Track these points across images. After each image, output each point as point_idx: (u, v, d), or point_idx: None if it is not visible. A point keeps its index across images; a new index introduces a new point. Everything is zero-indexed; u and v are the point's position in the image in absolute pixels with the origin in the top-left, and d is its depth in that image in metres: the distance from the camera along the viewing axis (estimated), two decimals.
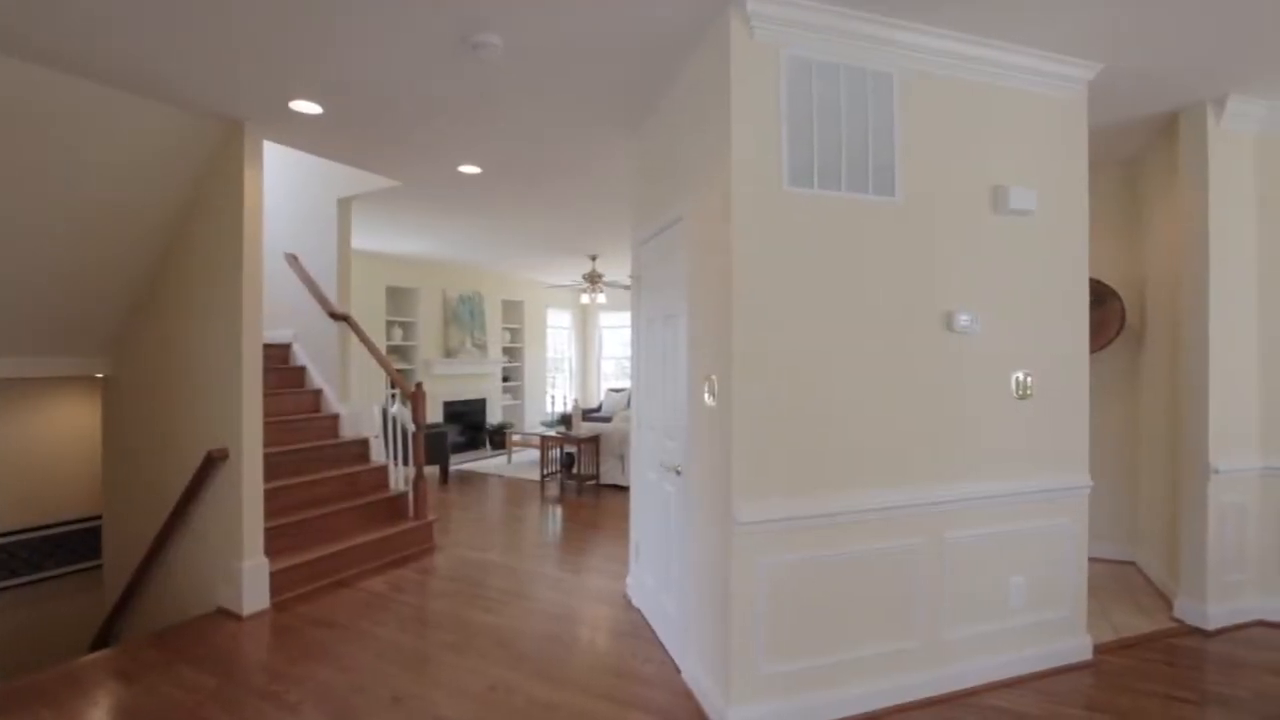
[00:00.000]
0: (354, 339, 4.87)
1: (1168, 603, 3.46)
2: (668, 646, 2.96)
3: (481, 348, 9.11)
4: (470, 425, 9.00)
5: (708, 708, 2.45)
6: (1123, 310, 4.09)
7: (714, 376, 2.42)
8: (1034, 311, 2.78)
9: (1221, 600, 3.21)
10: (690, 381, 2.67)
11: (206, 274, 3.60)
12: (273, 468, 3.96)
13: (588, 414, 9.23)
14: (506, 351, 9.96)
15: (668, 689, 2.66)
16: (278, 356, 5.02)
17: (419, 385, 4.75)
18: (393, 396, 4.85)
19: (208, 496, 3.54)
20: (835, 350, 2.42)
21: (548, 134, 3.62)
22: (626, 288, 5.74)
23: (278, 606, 3.47)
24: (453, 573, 4.09)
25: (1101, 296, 3.99)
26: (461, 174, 4.35)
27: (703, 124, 2.55)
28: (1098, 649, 2.95)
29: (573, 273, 9.09)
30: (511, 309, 10.09)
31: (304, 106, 3.17)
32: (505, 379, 9.90)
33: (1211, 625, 3.19)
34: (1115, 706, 2.53)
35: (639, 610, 3.43)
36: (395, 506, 4.60)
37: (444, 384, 8.56)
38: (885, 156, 2.49)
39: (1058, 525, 2.82)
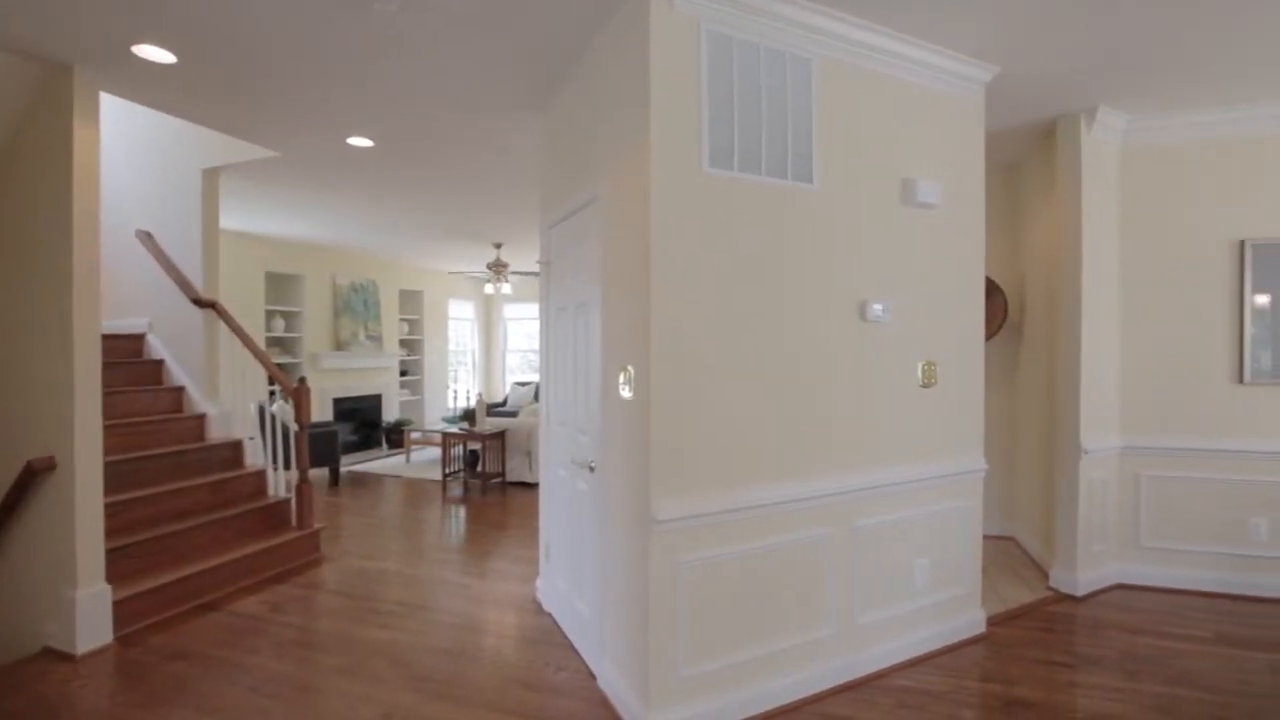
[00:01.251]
0: (224, 329, 4.32)
1: (1044, 574, 3.74)
2: (582, 652, 2.81)
3: (376, 340, 8.49)
4: (365, 423, 8.38)
5: (625, 715, 2.33)
6: (1005, 305, 4.38)
7: (630, 367, 2.29)
8: (938, 302, 2.87)
9: (1088, 568, 3.51)
10: (604, 373, 2.53)
11: (25, 248, 3.01)
12: (120, 478, 3.41)
13: (493, 409, 8.87)
14: (404, 344, 9.36)
15: (582, 698, 2.52)
16: (127, 349, 4.36)
17: (302, 380, 4.29)
18: (273, 393, 4.35)
19: (29, 515, 2.97)
20: (755, 339, 2.36)
21: (448, 106, 3.33)
22: (534, 274, 5.50)
23: (123, 640, 2.98)
24: (342, 586, 3.71)
25: (988, 291, 4.24)
26: (351, 147, 3.95)
27: (619, 99, 2.41)
28: (990, 621, 3.12)
29: (476, 261, 8.67)
30: (410, 299, 9.49)
31: (151, 53, 2.70)
32: (403, 373, 9.30)
33: (1081, 592, 3.48)
34: (1007, 675, 2.67)
35: (550, 615, 3.26)
36: (275, 515, 4.12)
37: (334, 379, 7.90)
38: (804, 143, 2.46)
39: (958, 507, 2.94)
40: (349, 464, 7.51)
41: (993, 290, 4.29)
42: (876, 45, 2.59)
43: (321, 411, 7.58)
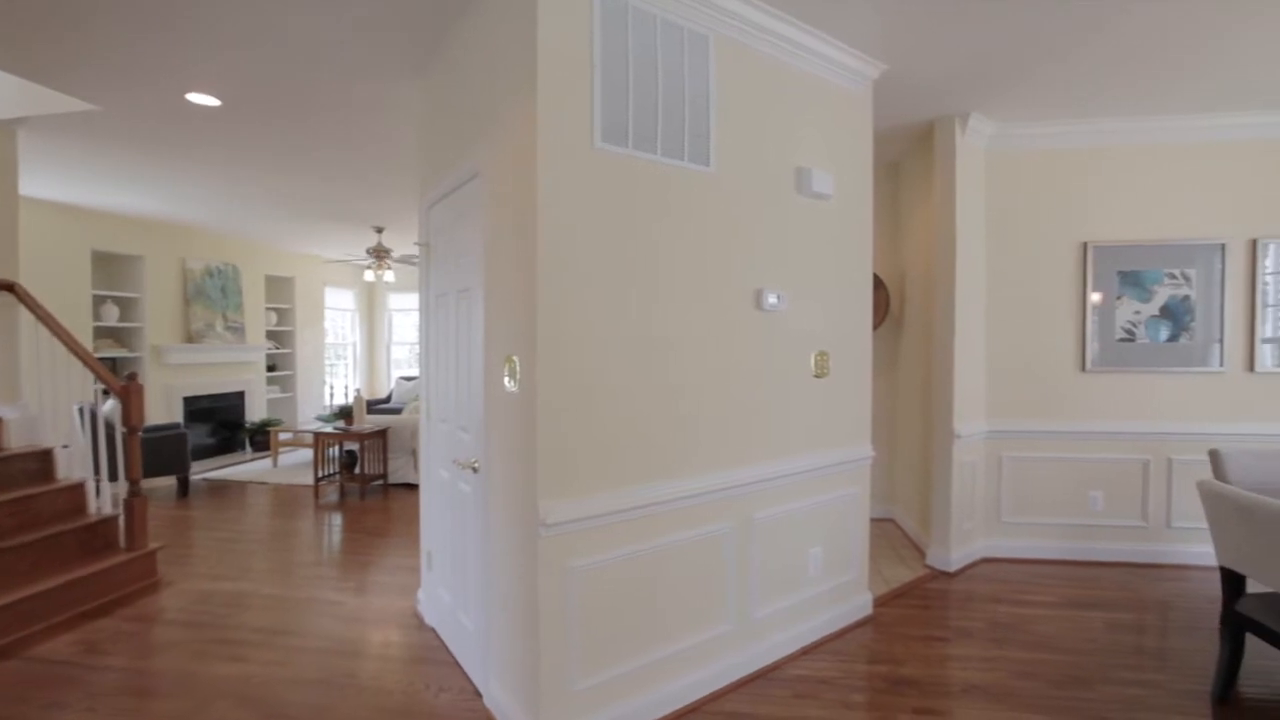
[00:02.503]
0: (26, 316, 3.60)
1: (922, 552, 3.96)
2: (467, 670, 2.58)
3: (238, 331, 7.59)
4: (224, 424, 7.48)
5: None
6: (887, 298, 4.60)
7: (515, 358, 2.09)
8: (830, 293, 2.90)
9: (960, 545, 3.75)
10: (488, 365, 2.31)
11: None
12: None
13: (375, 405, 8.24)
14: (273, 336, 8.46)
15: None
16: None
17: (132, 377, 3.67)
18: (107, 393, 3.69)
19: None
20: (650, 328, 2.24)
21: (308, 64, 2.94)
22: (416, 260, 5.13)
23: None
24: (185, 615, 3.22)
25: (873, 285, 4.43)
26: (192, 105, 3.40)
27: (504, 64, 2.19)
28: (876, 602, 3.23)
29: (356, 246, 7.98)
30: (279, 286, 8.59)
31: None
32: (271, 368, 8.41)
33: (954, 568, 3.71)
34: (892, 655, 2.76)
35: (433, 630, 2.99)
36: (98, 536, 3.51)
37: (185, 375, 6.97)
38: (701, 124, 2.37)
39: (848, 495, 3.01)
40: (203, 471, 6.67)
41: (877, 284, 4.48)
42: (773, 29, 2.55)
43: (169, 412, 6.67)
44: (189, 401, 7.02)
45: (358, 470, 5.82)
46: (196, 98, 3.31)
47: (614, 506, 2.12)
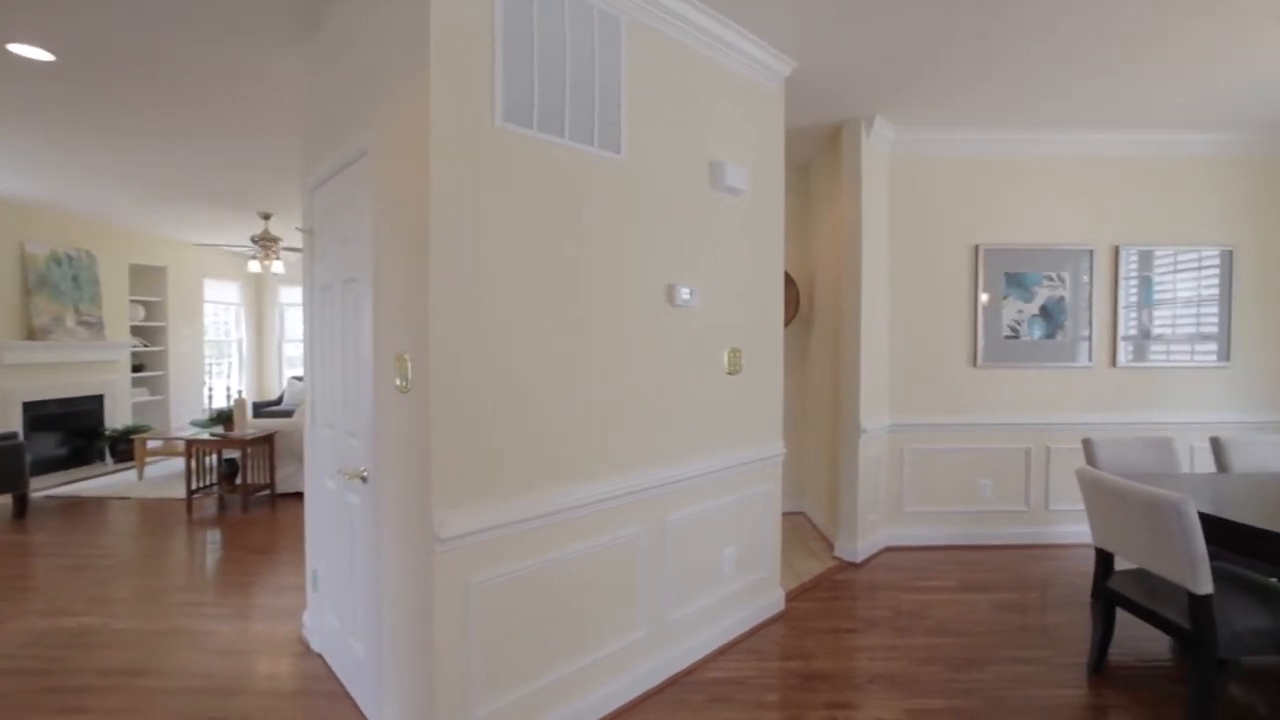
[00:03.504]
0: None
1: (830, 544, 4.06)
2: (359, 700, 2.35)
3: (94, 326, 6.71)
4: (78, 432, 6.59)
5: None
6: (797, 296, 4.69)
7: (407, 356, 1.90)
8: (742, 289, 2.88)
9: (866, 536, 3.87)
10: (377, 363, 2.09)
11: None
12: None
13: (265, 408, 7.57)
14: (139, 332, 7.56)
15: None
16: None
17: None
18: None
19: None
20: (555, 323, 2.11)
21: (171, 19, 2.56)
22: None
23: None
24: (10, 661, 2.74)
25: (784, 282, 4.51)
26: (17, 59, 2.90)
27: (396, 29, 1.97)
28: (788, 597, 3.26)
29: (239, 234, 7.27)
30: (147, 276, 7.68)
31: None
32: (138, 368, 7.51)
33: (860, 558, 3.82)
34: (804, 650, 2.78)
35: (320, 656, 2.71)
36: None
37: (25, 377, 6.06)
38: (612, 109, 2.25)
39: (762, 492, 3.00)
40: (48, 486, 5.83)
41: (787, 282, 4.55)
42: (687, 17, 2.48)
43: (4, 419, 5.78)
44: (32, 407, 6.12)
45: (239, 480, 5.28)
46: (21, 49, 2.81)
47: (519, 515, 1.97)
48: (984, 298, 4.08)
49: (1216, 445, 3.20)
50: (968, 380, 4.11)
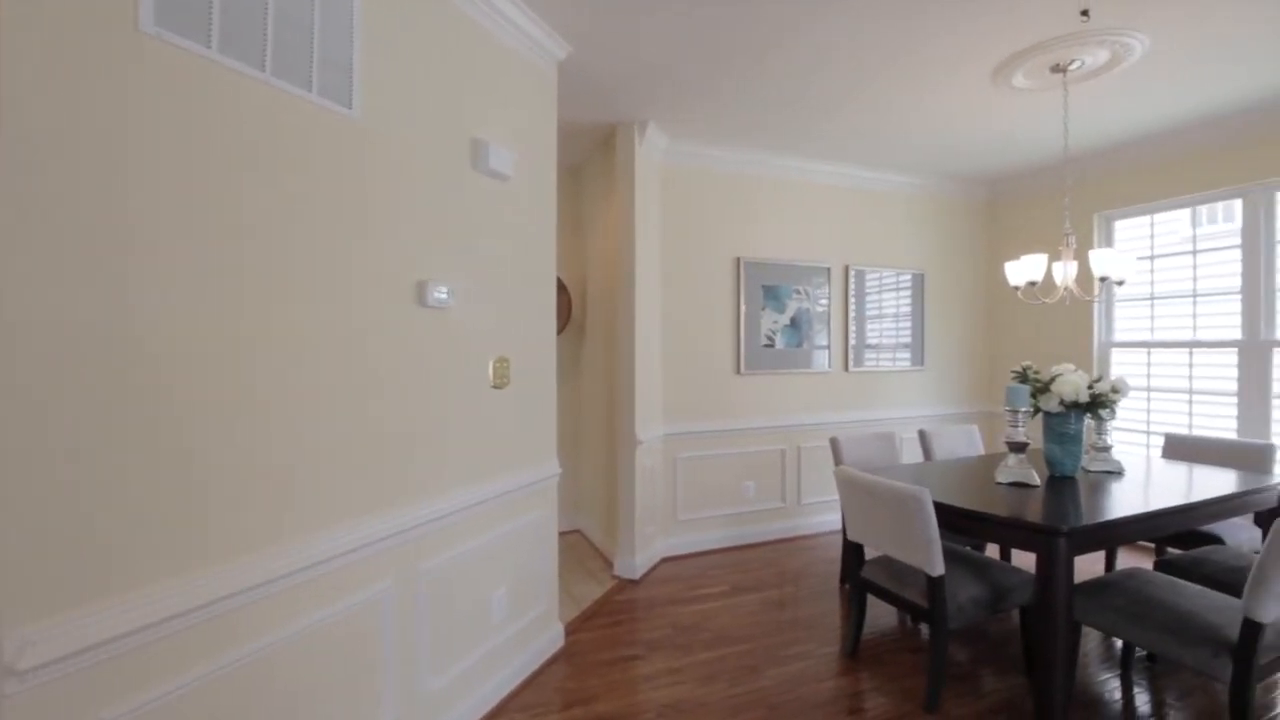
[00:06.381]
0: None
1: (609, 562, 3.88)
2: None
3: None
4: None
5: None
6: (570, 303, 4.48)
7: None
8: (510, 290, 2.52)
9: (643, 549, 3.77)
10: None
11: None
12: None
13: None
14: None
15: None
16: None
17: None
18: None
19: None
20: (249, 325, 1.52)
21: None
22: None
23: None
24: None
25: (557, 288, 4.25)
26: None
27: None
28: (568, 629, 2.97)
29: None
30: None
31: None
32: None
33: (639, 574, 3.70)
34: (587, 691, 2.50)
35: None
36: None
37: None
38: (341, 50, 1.74)
39: (535, 519, 2.66)
40: None
41: (560, 287, 4.31)
42: None
43: None
44: None
45: None
46: None
47: (170, 609, 1.34)
48: (745, 308, 4.31)
49: (923, 437, 3.73)
50: (732, 386, 4.29)
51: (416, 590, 2.01)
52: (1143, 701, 2.40)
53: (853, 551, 2.82)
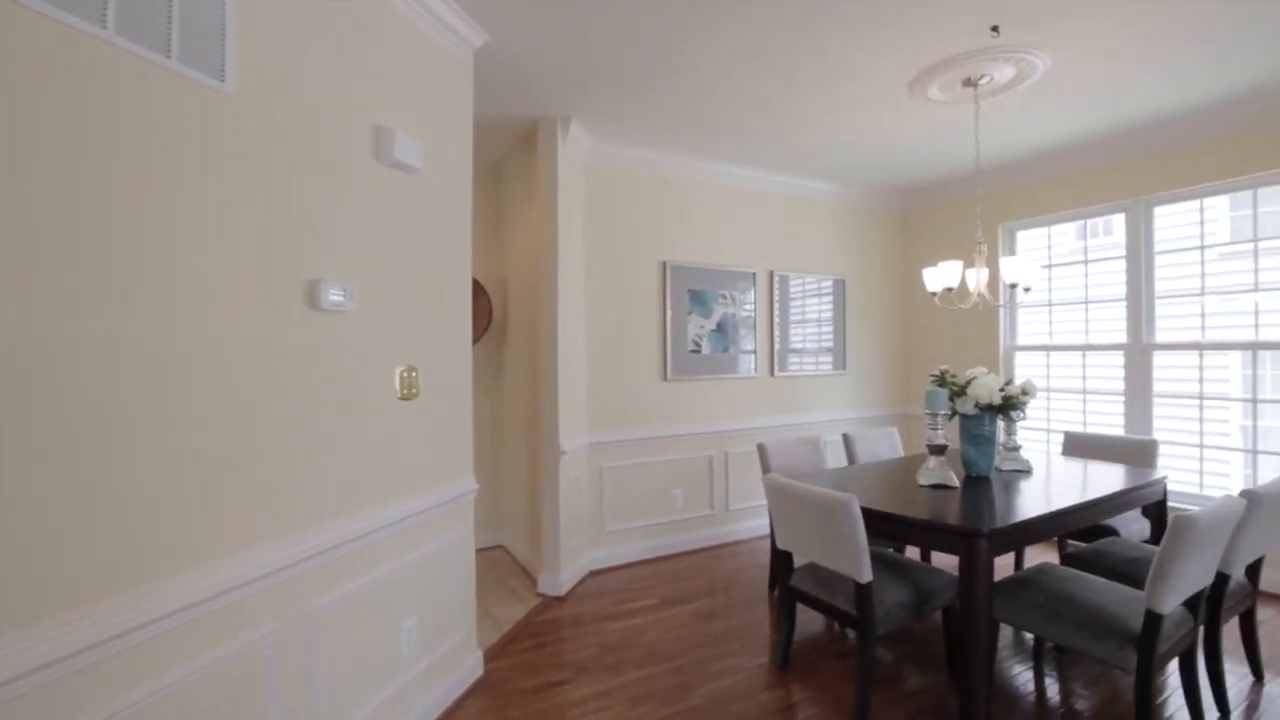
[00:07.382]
0: None
1: (533, 579, 3.69)
2: None
3: None
4: None
5: None
6: (490, 307, 4.26)
7: None
8: (419, 293, 2.31)
9: (569, 564, 3.61)
10: None
11: None
12: None
13: None
14: None
15: None
16: None
17: None
18: None
19: None
20: (103, 331, 1.27)
21: None
22: None
23: None
24: None
25: (475, 292, 4.02)
26: None
27: None
28: (488, 656, 2.77)
29: None
30: None
31: None
32: None
33: (565, 590, 3.53)
34: None
35: None
36: None
37: None
38: (210, 12, 1.50)
39: (450, 540, 2.45)
40: None
41: (478, 291, 4.09)
42: None
43: None
44: None
45: None
46: None
47: (31, 661, 1.08)
48: (671, 313, 4.24)
49: (847, 441, 3.77)
50: (659, 393, 4.21)
51: (307, 631, 1.77)
52: (1054, 692, 2.48)
53: (781, 559, 2.78)
